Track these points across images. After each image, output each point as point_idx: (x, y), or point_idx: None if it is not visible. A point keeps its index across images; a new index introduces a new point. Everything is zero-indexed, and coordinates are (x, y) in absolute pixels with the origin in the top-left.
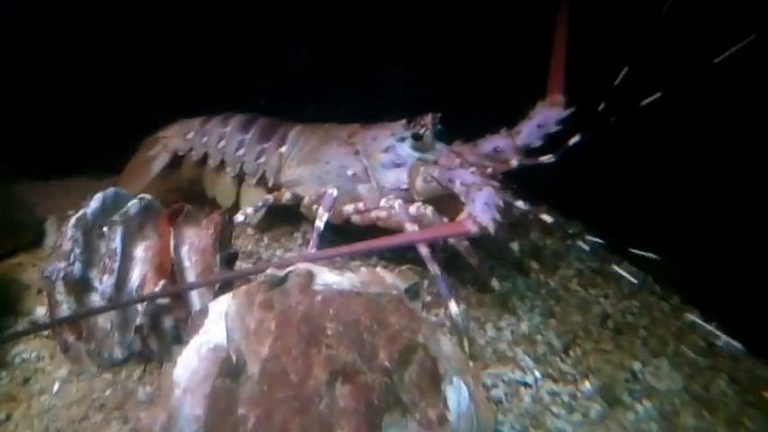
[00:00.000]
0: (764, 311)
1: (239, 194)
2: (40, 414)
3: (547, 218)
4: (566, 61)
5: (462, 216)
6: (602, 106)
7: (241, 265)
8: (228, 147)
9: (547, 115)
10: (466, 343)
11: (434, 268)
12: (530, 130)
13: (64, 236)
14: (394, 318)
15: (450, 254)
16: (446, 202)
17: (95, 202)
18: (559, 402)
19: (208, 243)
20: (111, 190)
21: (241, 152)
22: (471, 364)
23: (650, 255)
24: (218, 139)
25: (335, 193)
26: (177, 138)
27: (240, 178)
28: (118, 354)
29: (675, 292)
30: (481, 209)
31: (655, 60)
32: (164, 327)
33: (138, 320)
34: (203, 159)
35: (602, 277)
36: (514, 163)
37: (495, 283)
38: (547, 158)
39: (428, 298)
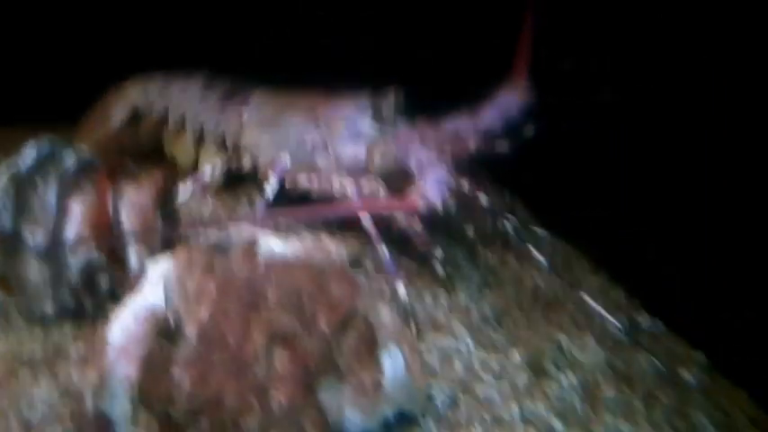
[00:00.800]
0: (682, 291)
1: (199, 155)
2: None
3: (483, 200)
4: (532, 46)
5: (412, 192)
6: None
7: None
8: (191, 105)
9: (509, 101)
10: (413, 324)
11: (381, 248)
12: (492, 115)
13: None
14: (335, 286)
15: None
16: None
17: (29, 152)
18: (489, 370)
19: (148, 201)
20: (45, 140)
21: (203, 111)
22: (408, 332)
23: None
24: (181, 97)
25: (288, 160)
26: (139, 92)
27: (200, 139)
28: (49, 310)
29: (604, 269)
30: (431, 186)
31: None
32: (99, 284)
33: (73, 277)
34: (164, 117)
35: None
36: (472, 147)
37: (437, 253)
38: (501, 147)
39: (371, 266)
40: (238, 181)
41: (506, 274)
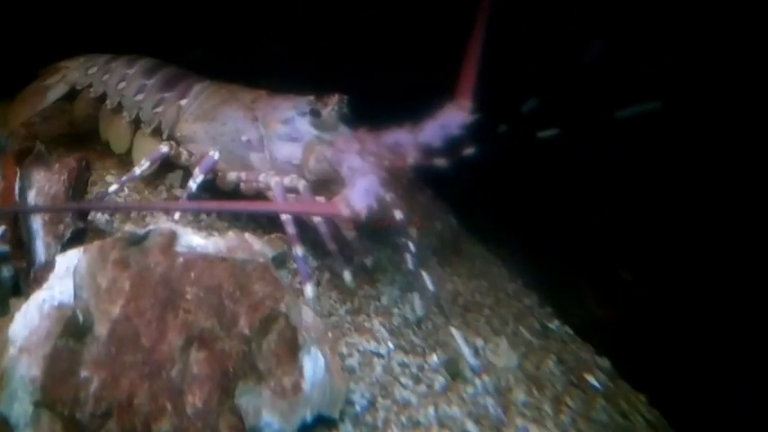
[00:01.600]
0: (592, 299)
1: (132, 142)
2: None
3: (398, 215)
4: (478, 65)
5: (338, 198)
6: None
7: (97, 216)
8: (128, 89)
9: (450, 118)
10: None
11: (297, 248)
12: (432, 130)
13: None
14: (258, 285)
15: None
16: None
17: None
18: (408, 374)
19: (59, 189)
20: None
21: (140, 97)
22: (329, 334)
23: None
24: (120, 80)
25: (216, 156)
26: (79, 71)
27: (136, 125)
28: None
29: (519, 275)
30: (358, 194)
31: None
32: (2, 277)
33: None
34: (102, 98)
35: (457, 257)
36: (410, 160)
37: (367, 261)
38: (440, 162)
39: (294, 266)
40: (164, 171)
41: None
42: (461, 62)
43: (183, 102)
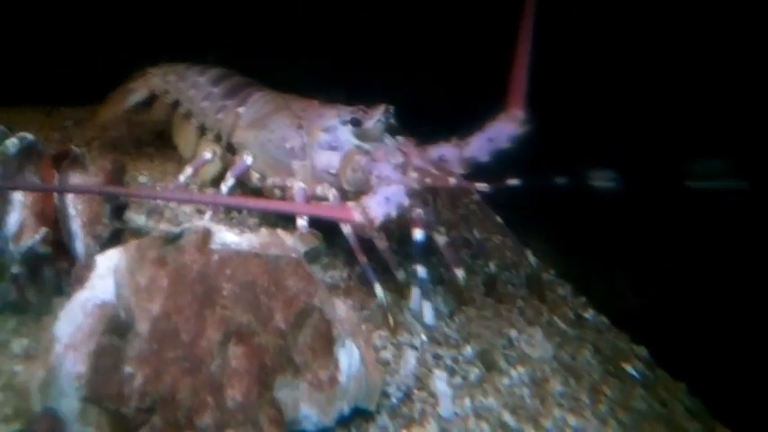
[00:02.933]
0: (627, 288)
1: (197, 147)
2: None
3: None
4: (528, 70)
5: (354, 203)
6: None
7: (134, 216)
8: (197, 96)
9: (500, 130)
10: (391, 319)
11: (361, 257)
12: (479, 143)
13: None
14: (291, 280)
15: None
16: None
17: None
18: (442, 365)
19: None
20: None
21: (206, 104)
22: (363, 327)
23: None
24: (191, 87)
25: (250, 161)
26: (159, 77)
27: (202, 131)
28: None
29: (552, 266)
30: (377, 202)
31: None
32: (44, 277)
33: (15, 268)
34: (175, 104)
35: (491, 246)
36: (453, 181)
37: (398, 274)
38: (482, 187)
39: (326, 260)
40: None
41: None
42: (510, 68)
43: (241, 109)
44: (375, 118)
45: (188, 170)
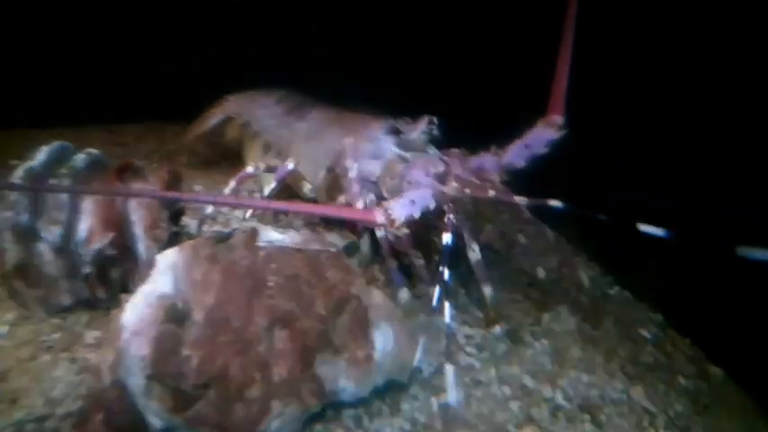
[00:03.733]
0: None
1: None
2: None
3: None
4: (569, 76)
5: (379, 207)
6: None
7: (189, 221)
8: (264, 116)
9: (537, 136)
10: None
11: (391, 262)
12: (517, 150)
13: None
14: (331, 272)
15: None
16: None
17: (43, 153)
18: (472, 343)
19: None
20: (57, 143)
21: (270, 122)
22: (398, 312)
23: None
24: (259, 108)
25: (291, 166)
26: (233, 102)
27: (267, 147)
28: (65, 300)
29: (584, 249)
30: (401, 204)
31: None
32: (111, 276)
33: (86, 269)
34: (246, 124)
35: (524, 237)
36: (492, 193)
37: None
38: (521, 200)
39: (364, 254)
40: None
41: (492, 256)
42: (552, 74)
43: (299, 125)
44: (419, 129)
45: (231, 183)
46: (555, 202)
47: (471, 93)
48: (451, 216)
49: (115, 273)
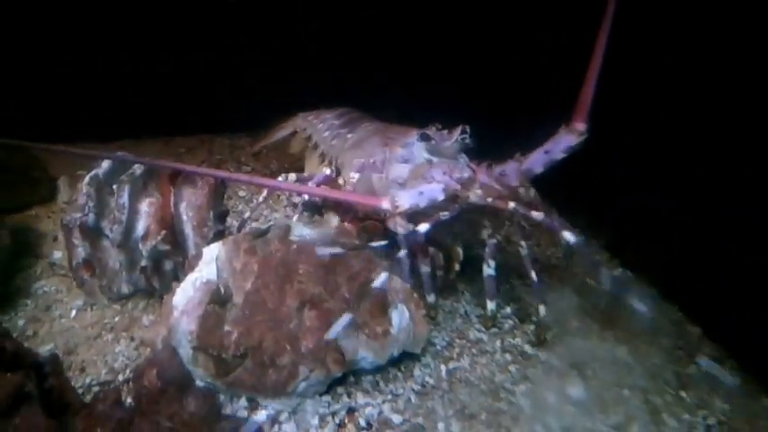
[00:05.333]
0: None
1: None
2: (60, 332)
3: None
4: (596, 85)
5: (387, 194)
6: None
7: (231, 221)
8: (323, 129)
9: (557, 142)
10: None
11: (402, 253)
12: (536, 156)
13: (80, 191)
14: (355, 261)
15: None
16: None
17: (106, 163)
18: (483, 322)
19: (202, 201)
20: (118, 154)
21: (327, 134)
22: (415, 295)
23: None
24: (321, 122)
25: (328, 171)
26: (302, 118)
27: (323, 157)
28: (125, 289)
29: (596, 239)
30: (409, 194)
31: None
32: (164, 268)
33: (143, 262)
34: (309, 138)
35: (538, 230)
36: (511, 206)
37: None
38: (537, 215)
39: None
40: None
41: (509, 247)
42: (581, 83)
43: (349, 135)
44: (453, 138)
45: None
46: (569, 236)
47: (501, 100)
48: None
49: (168, 265)
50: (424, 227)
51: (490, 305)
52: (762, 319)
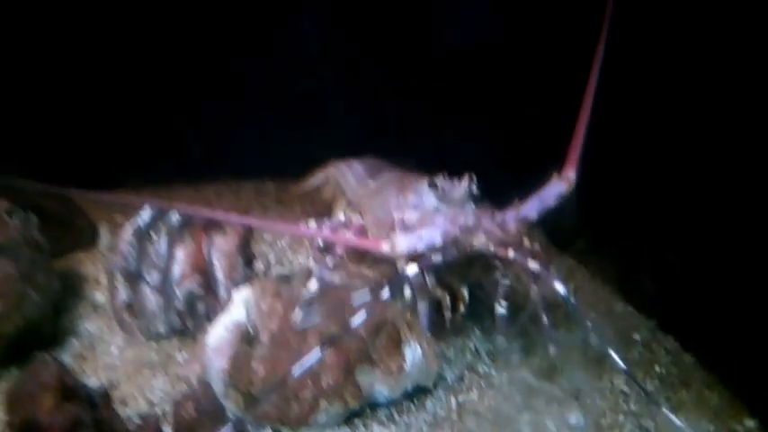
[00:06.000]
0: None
1: None
2: (103, 368)
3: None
4: (586, 134)
5: (388, 237)
6: None
7: (257, 264)
8: (350, 177)
9: (550, 190)
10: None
11: (422, 306)
12: (531, 203)
13: (122, 240)
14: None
15: None
16: None
17: (146, 214)
18: (492, 356)
19: (232, 247)
20: (156, 204)
21: (352, 180)
22: (428, 334)
23: None
24: (349, 170)
25: (342, 217)
26: (334, 166)
27: (348, 204)
28: (162, 329)
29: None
30: (408, 237)
31: None
32: (197, 310)
33: (179, 305)
34: (338, 184)
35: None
36: (510, 255)
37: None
38: (533, 265)
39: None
40: None
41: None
42: (571, 132)
43: (371, 182)
44: (461, 186)
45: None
46: (559, 287)
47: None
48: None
49: (200, 307)
50: (412, 269)
51: (499, 341)
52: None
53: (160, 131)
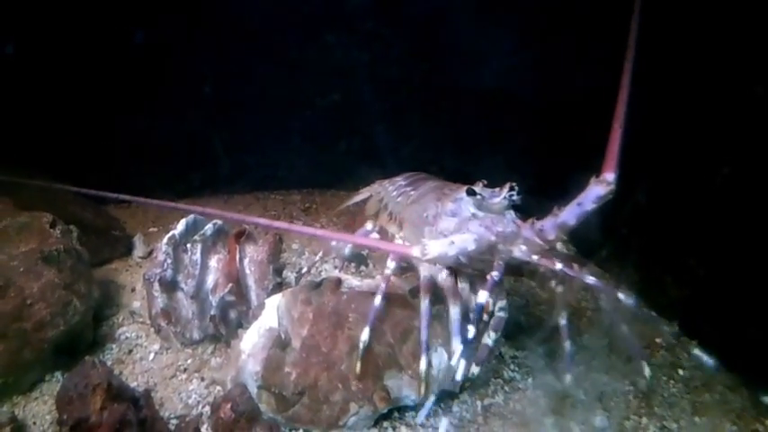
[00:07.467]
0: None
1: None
2: (141, 373)
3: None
4: (623, 134)
5: (419, 243)
6: None
7: (287, 273)
8: (392, 190)
9: (589, 193)
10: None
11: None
12: (570, 209)
13: (159, 250)
14: (398, 310)
15: None
16: None
17: (181, 225)
18: (516, 362)
19: (263, 257)
20: (191, 216)
21: (395, 193)
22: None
23: None
24: (392, 185)
25: (370, 227)
26: (378, 184)
27: (390, 215)
28: (196, 335)
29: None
30: (440, 243)
31: None
32: (230, 317)
33: (213, 311)
34: (381, 200)
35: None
36: (558, 267)
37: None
38: (590, 279)
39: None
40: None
41: (544, 296)
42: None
43: (412, 192)
44: (501, 194)
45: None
46: (624, 297)
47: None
48: (495, 275)
49: (233, 314)
50: (442, 273)
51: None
52: None
53: (190, 145)
